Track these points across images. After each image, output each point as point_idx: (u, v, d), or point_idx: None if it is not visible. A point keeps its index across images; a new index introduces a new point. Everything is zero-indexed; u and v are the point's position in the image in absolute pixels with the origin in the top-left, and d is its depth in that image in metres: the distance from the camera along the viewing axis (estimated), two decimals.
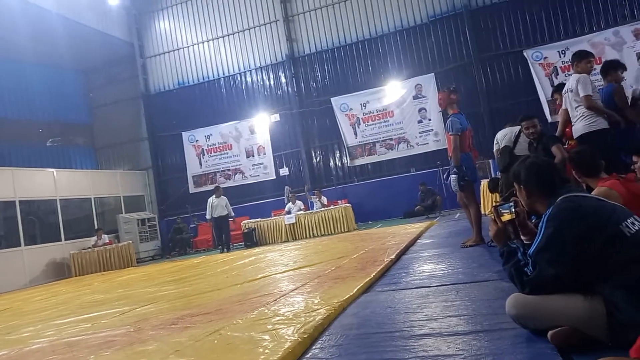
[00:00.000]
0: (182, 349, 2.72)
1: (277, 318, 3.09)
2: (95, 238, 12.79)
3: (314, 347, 2.48)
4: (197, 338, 2.92)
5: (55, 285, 10.24)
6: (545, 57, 12.68)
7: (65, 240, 12.92)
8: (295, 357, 2.31)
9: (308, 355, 2.35)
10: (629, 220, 1.84)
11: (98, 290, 7.28)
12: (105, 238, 12.92)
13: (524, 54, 12.86)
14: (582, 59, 4.88)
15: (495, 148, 5.80)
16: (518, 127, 5.27)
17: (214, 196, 12.14)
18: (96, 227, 13.49)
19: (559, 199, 2.00)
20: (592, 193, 2.86)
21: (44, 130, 15.18)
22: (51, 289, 8.98)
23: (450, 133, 5.41)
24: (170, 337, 3.09)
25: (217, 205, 11.98)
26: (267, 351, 2.37)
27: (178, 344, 2.85)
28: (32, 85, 14.77)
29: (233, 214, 12.39)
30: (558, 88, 5.66)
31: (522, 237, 2.28)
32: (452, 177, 5.34)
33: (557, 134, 5.12)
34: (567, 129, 5.12)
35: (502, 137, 5.59)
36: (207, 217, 12.20)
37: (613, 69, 4.96)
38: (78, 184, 13.72)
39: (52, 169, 13.09)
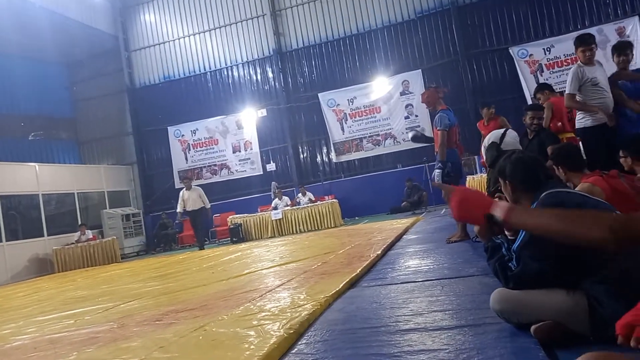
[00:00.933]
0: (167, 345, 2.69)
1: (263, 314, 3.07)
2: (78, 233, 12.62)
3: (299, 342, 2.47)
4: (182, 334, 2.89)
5: (38, 281, 10.09)
6: (531, 55, 12.81)
7: (48, 235, 12.73)
8: (280, 352, 2.30)
9: (294, 351, 2.35)
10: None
11: (81, 286, 7.19)
12: (89, 233, 12.76)
13: (510, 51, 12.97)
14: (575, 47, 4.72)
15: (483, 144, 5.84)
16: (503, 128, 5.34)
17: (184, 189, 11.22)
18: (79, 222, 13.32)
19: (543, 194, 2.02)
20: (576, 189, 2.90)
21: (26, 124, 14.92)
22: (33, 285, 8.85)
23: (438, 128, 5.44)
24: (155, 333, 3.06)
25: (189, 199, 10.94)
26: (252, 347, 2.35)
27: (162, 340, 2.82)
28: (15, 79, 14.51)
29: (209, 205, 11.20)
30: (541, 88, 5.71)
31: (506, 232, 2.30)
32: (437, 171, 5.37)
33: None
34: (551, 124, 5.19)
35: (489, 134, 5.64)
36: (178, 210, 11.09)
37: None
38: (61, 179, 13.52)
39: (34, 164, 12.87)
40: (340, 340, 2.44)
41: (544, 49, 12.72)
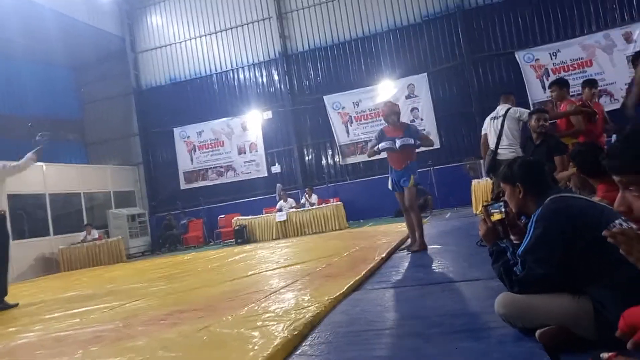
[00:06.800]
0: (171, 345, 2.71)
1: (267, 315, 3.09)
2: (84, 233, 12.69)
3: (303, 344, 2.48)
4: (186, 334, 2.91)
5: (44, 280, 10.15)
6: (537, 59, 12.77)
7: (54, 235, 12.80)
8: (285, 354, 2.31)
9: (298, 352, 2.36)
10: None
11: (87, 285, 7.23)
12: (95, 233, 12.82)
13: (516, 55, 12.94)
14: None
15: (483, 132, 5.88)
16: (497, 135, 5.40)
17: None
18: (85, 222, 13.38)
19: (548, 199, 2.02)
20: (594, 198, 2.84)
21: (34, 126, 15.00)
22: (39, 284, 8.90)
23: (419, 134, 5.72)
24: (159, 333, 3.08)
25: None
26: (256, 348, 2.36)
27: (167, 340, 2.84)
28: (23, 81, 14.60)
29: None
30: (557, 82, 5.66)
31: (511, 236, 2.30)
32: (414, 175, 5.44)
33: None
34: (559, 122, 5.22)
35: (489, 122, 5.69)
36: None
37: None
38: (67, 179, 13.59)
39: (41, 163, 12.93)
40: (344, 342, 2.45)
41: (550, 53, 12.68)
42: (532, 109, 6.76)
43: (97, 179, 14.78)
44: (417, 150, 5.77)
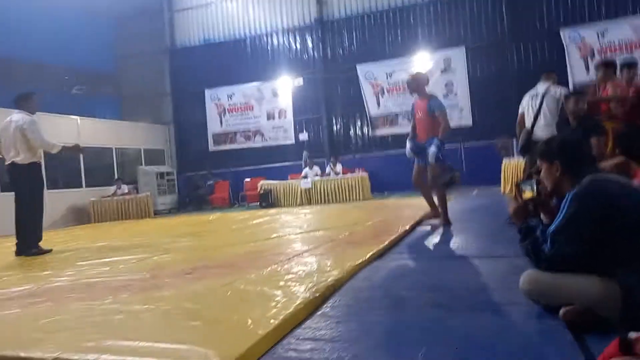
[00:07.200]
0: (196, 297, 2.80)
1: (289, 276, 3.15)
2: (115, 187, 13.05)
3: (325, 305, 2.53)
4: (211, 288, 3.00)
5: (75, 229, 10.55)
6: (583, 38, 12.20)
7: (86, 187, 13.21)
8: (306, 313, 2.36)
9: (319, 313, 2.40)
10: None
11: (116, 237, 7.47)
12: (125, 188, 13.17)
13: (561, 33, 12.38)
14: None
15: (520, 110, 5.68)
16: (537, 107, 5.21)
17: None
18: (116, 176, 13.74)
19: (586, 178, 1.97)
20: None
21: (70, 77, 15.28)
22: (71, 233, 9.26)
23: (439, 111, 5.30)
24: (185, 285, 3.18)
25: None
26: (279, 305, 2.42)
27: (192, 293, 2.94)
28: (62, 30, 14.66)
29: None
30: (604, 63, 5.40)
31: (541, 215, 2.27)
32: (433, 149, 5.23)
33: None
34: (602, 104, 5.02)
35: (528, 99, 5.50)
36: None
37: None
38: (101, 133, 13.89)
39: (76, 117, 13.25)
40: (365, 307, 2.49)
41: (597, 32, 12.08)
42: (572, 90, 6.51)
43: (129, 135, 15.06)
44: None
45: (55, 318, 2.55)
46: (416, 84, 5.50)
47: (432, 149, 5.17)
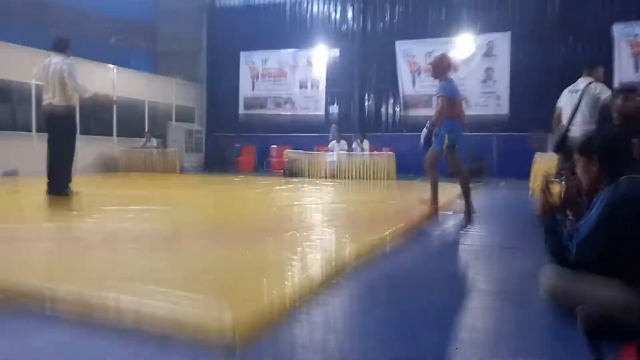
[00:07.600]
0: (216, 254, 2.86)
1: (307, 243, 3.17)
2: (144, 140, 13.28)
3: (338, 277, 2.54)
4: (231, 247, 3.05)
5: (104, 176, 10.83)
6: (637, 34, 11.63)
7: (116, 136, 13.48)
8: (320, 280, 2.38)
9: (333, 282, 2.42)
10: None
11: (143, 188, 7.64)
12: (154, 142, 13.39)
13: (613, 27, 11.81)
14: None
15: (557, 104, 5.47)
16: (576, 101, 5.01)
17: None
18: (146, 129, 13.96)
19: (622, 177, 1.90)
20: None
21: (109, 27, 15.37)
22: (100, 180, 9.51)
23: (440, 94, 5.13)
24: (206, 242, 3.24)
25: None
26: (294, 269, 2.46)
27: (212, 248, 3.00)
28: None
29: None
30: None
31: (568, 213, 2.21)
32: (424, 130, 5.10)
33: None
34: None
35: (567, 95, 5.29)
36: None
37: None
38: (134, 86, 14.06)
39: (112, 66, 13.41)
40: (378, 284, 2.50)
41: None
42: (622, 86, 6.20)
43: (162, 90, 15.20)
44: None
45: (79, 258, 2.65)
46: (434, 71, 5.35)
47: (447, 134, 5.05)
